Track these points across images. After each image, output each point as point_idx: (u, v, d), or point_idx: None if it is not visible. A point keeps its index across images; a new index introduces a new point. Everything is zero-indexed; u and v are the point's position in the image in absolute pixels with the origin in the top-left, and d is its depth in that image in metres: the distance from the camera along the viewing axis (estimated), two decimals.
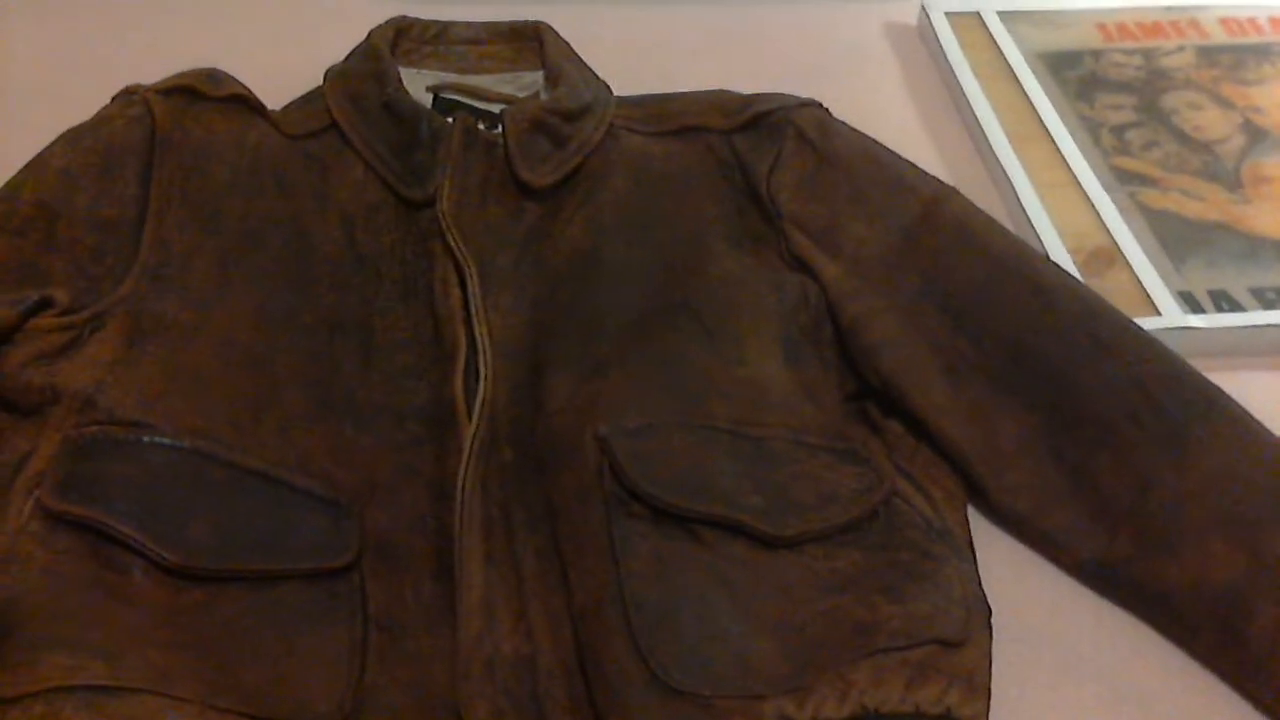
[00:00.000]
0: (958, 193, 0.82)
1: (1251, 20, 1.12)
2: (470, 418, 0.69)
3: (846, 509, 0.67)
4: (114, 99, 0.81)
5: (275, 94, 0.86)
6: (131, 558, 0.61)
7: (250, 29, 1.05)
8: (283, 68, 0.90)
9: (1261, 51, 1.08)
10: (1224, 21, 1.11)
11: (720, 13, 1.12)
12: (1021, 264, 0.77)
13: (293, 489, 0.65)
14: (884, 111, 1.02)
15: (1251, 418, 0.71)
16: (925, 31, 1.10)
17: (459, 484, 0.66)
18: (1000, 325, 0.75)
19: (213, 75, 0.83)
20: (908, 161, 0.84)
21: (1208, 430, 0.70)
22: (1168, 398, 0.71)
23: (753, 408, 0.71)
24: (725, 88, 0.89)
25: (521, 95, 0.90)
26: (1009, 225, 0.91)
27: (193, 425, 0.66)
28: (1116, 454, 0.70)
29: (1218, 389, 0.72)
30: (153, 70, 0.84)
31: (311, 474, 0.67)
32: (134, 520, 0.61)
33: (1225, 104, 1.02)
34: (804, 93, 0.88)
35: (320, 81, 0.87)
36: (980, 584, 0.67)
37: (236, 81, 0.83)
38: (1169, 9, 1.12)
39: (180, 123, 0.79)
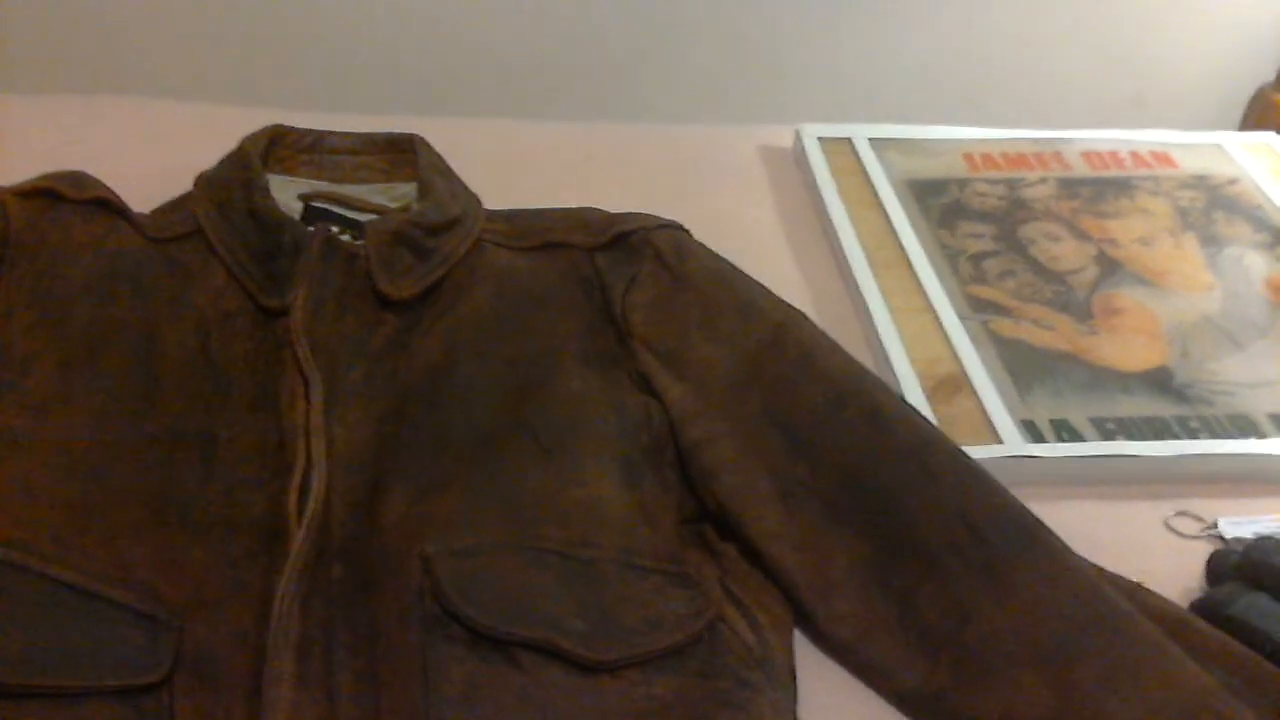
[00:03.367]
0: (806, 318, 0.84)
1: (1113, 154, 1.16)
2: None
3: (670, 634, 0.68)
4: None
5: (147, 200, 0.87)
6: None
7: (124, 134, 1.06)
8: (156, 173, 0.90)
9: (1120, 185, 1.12)
10: (1086, 155, 1.15)
11: (600, 131, 1.14)
12: (861, 391, 0.79)
13: (110, 603, 0.65)
14: (754, 232, 1.04)
15: (1070, 551, 0.73)
16: (799, 155, 1.13)
17: (277, 601, 0.66)
18: (836, 452, 0.76)
19: (76, 178, 0.84)
20: (761, 286, 0.86)
21: (1026, 564, 0.71)
22: (990, 530, 0.72)
23: (586, 529, 0.72)
24: (598, 205, 0.91)
25: (394, 206, 0.92)
26: (865, 349, 0.93)
27: (10, 536, 0.66)
28: (939, 585, 0.71)
29: (1038, 521, 0.74)
30: (22, 174, 0.84)
31: (132, 587, 0.66)
32: None
33: (1082, 235, 1.06)
34: (677, 213, 0.90)
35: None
36: (795, 714, 0.67)
37: (101, 185, 0.84)
38: (1035, 141, 1.16)
39: (36, 225, 0.80)
